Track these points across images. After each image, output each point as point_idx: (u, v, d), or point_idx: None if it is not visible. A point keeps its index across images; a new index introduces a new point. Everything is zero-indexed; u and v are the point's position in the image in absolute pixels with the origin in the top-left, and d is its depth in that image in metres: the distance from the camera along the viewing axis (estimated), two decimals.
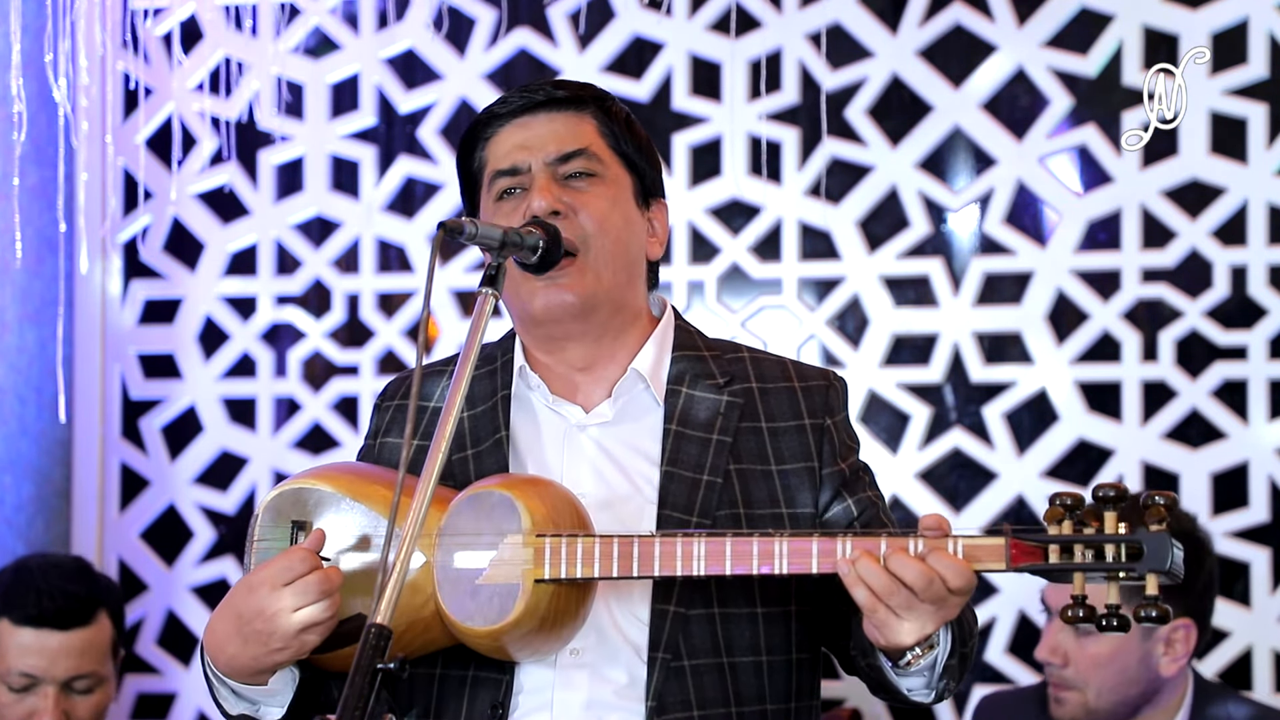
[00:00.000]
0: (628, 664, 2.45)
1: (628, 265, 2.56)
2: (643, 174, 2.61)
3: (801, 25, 4.52)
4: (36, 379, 4.66)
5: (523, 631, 2.37)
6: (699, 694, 2.44)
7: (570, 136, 2.56)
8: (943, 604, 2.26)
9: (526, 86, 2.62)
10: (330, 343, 4.74)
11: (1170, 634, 3.48)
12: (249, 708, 2.46)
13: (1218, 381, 4.35)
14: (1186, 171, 4.38)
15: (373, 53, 4.73)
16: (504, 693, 2.45)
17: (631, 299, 2.58)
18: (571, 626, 2.42)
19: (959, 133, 4.50)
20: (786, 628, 2.50)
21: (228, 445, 4.76)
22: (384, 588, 2.11)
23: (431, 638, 2.43)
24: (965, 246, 4.52)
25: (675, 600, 2.45)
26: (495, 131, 2.61)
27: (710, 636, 2.46)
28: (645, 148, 2.63)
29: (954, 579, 2.25)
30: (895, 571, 2.24)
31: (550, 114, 2.58)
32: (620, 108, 2.63)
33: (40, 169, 4.61)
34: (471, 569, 2.37)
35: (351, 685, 2.07)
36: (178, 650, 4.76)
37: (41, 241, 4.64)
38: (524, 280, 2.51)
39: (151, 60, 4.75)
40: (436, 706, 2.50)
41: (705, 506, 2.48)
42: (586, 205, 2.53)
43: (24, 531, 4.62)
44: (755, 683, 2.48)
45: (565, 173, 2.55)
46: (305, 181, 4.76)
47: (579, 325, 2.54)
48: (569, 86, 2.61)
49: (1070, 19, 4.45)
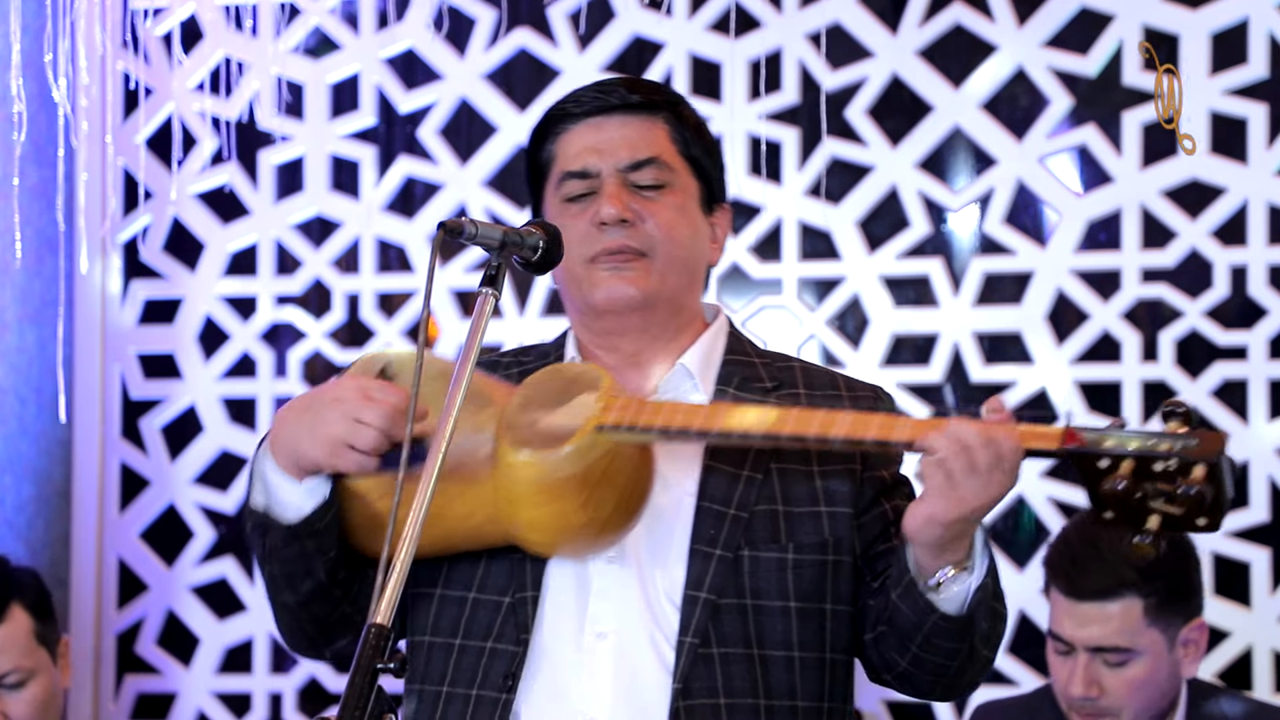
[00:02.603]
0: (655, 648, 2.45)
1: (690, 271, 2.59)
2: (710, 180, 2.63)
3: (801, 25, 4.52)
4: (36, 379, 4.66)
5: (567, 477, 2.34)
6: (727, 682, 2.44)
7: (643, 143, 2.57)
8: (992, 473, 2.27)
9: (602, 86, 2.63)
10: (330, 343, 4.74)
11: (1189, 635, 3.48)
12: (266, 503, 2.46)
13: (1218, 381, 4.35)
14: (1186, 171, 4.38)
15: (373, 53, 4.73)
16: (517, 664, 2.45)
17: (689, 302, 2.61)
18: (614, 517, 2.40)
19: (959, 133, 4.50)
20: (821, 625, 2.49)
21: (228, 445, 4.76)
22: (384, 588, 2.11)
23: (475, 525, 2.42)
24: (965, 246, 4.52)
25: (708, 587, 2.44)
26: (567, 129, 2.61)
27: (741, 626, 2.45)
28: (713, 153, 2.64)
29: (1005, 443, 2.27)
30: (955, 432, 2.28)
31: (624, 118, 2.59)
32: (692, 113, 2.64)
33: (40, 169, 4.61)
34: (539, 415, 2.39)
35: (351, 685, 2.07)
36: (178, 650, 4.76)
37: (41, 241, 4.64)
38: (587, 270, 2.54)
39: (151, 60, 4.75)
40: (452, 675, 2.49)
41: (744, 500, 2.49)
42: (655, 214, 2.55)
43: (24, 531, 4.62)
44: (786, 678, 2.47)
45: (635, 180, 2.56)
46: (305, 181, 4.76)
47: (637, 319, 2.56)
48: (644, 90, 2.62)
49: (1070, 19, 4.45)
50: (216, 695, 4.75)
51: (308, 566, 2.47)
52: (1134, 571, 3.40)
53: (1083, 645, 3.44)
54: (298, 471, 2.45)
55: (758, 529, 2.48)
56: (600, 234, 2.53)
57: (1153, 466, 2.21)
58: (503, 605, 2.49)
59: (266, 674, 4.74)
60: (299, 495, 2.44)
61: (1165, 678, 3.47)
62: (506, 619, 2.48)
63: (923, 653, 2.43)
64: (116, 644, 4.77)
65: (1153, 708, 3.47)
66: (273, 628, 4.73)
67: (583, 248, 2.54)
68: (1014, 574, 4.40)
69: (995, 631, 2.45)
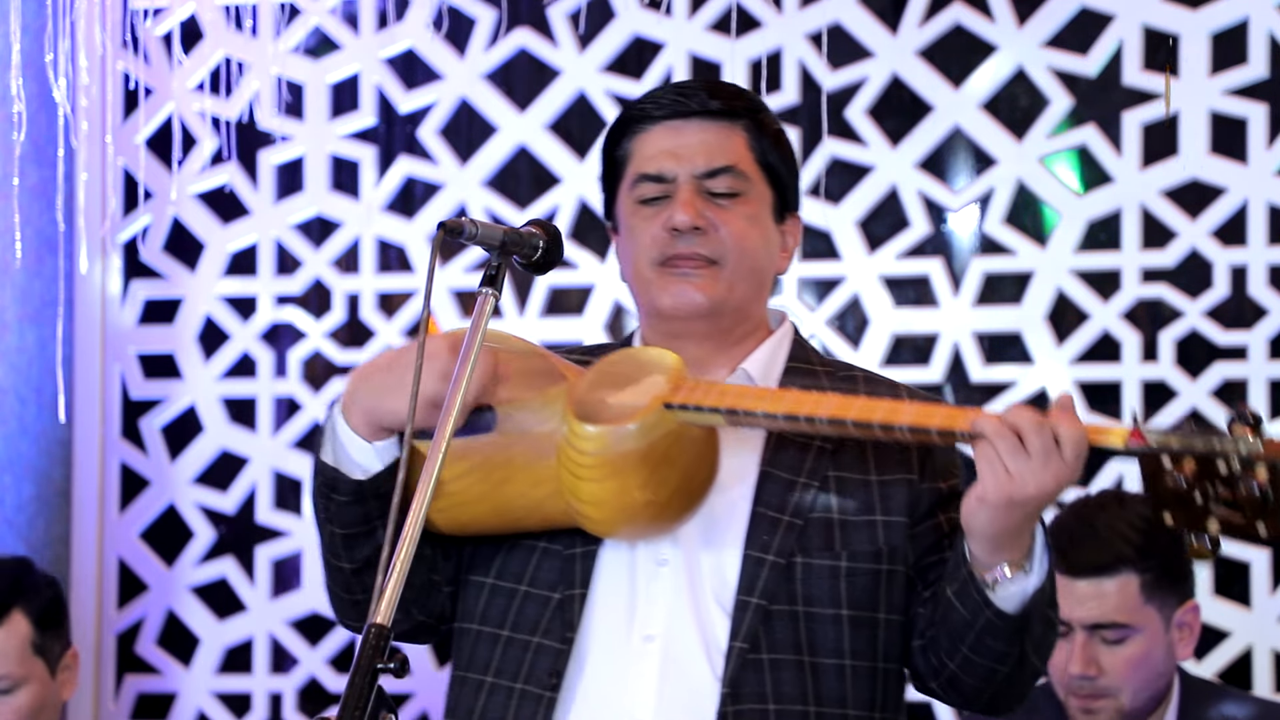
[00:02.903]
0: (704, 651, 2.44)
1: (758, 281, 2.60)
2: (784, 189, 2.63)
3: (801, 25, 4.52)
4: (36, 379, 4.66)
5: (629, 451, 2.34)
6: (776, 688, 2.43)
7: (720, 151, 2.56)
8: (1049, 460, 2.25)
9: (683, 88, 2.60)
10: (330, 343, 4.74)
11: (1183, 618, 3.48)
12: (334, 460, 2.46)
13: (1218, 381, 4.35)
14: (1186, 171, 4.38)
15: (373, 53, 4.73)
16: (562, 662, 2.46)
17: (756, 310, 2.62)
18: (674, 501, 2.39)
19: (959, 133, 4.50)
20: (873, 634, 2.48)
21: (228, 445, 4.76)
22: (384, 588, 2.12)
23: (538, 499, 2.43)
24: (965, 246, 4.52)
25: (759, 592, 2.44)
26: (645, 129, 2.59)
27: (793, 633, 2.45)
28: (789, 162, 2.64)
29: (1065, 429, 2.25)
30: (1006, 416, 2.27)
31: (703, 123, 2.57)
32: (772, 120, 2.63)
33: (40, 169, 4.61)
34: (608, 392, 2.41)
35: (351, 685, 2.07)
36: (178, 650, 4.76)
37: (41, 241, 4.64)
38: (657, 274, 2.54)
39: (151, 60, 4.75)
40: (497, 666, 2.50)
41: (799, 507, 2.48)
42: (728, 223, 2.54)
43: (24, 531, 4.62)
44: (837, 686, 2.46)
45: (710, 188, 2.55)
46: (305, 181, 4.76)
47: (702, 325, 2.57)
48: (725, 96, 2.60)
49: (1070, 19, 4.45)
50: (216, 695, 4.75)
51: (369, 529, 2.48)
52: (1130, 547, 3.39)
53: (1080, 624, 3.44)
54: (372, 431, 2.45)
55: (812, 536, 2.47)
56: (672, 239, 2.53)
57: (1216, 466, 2.18)
58: (551, 601, 2.49)
59: (266, 674, 4.74)
60: (369, 455, 2.45)
61: (1161, 658, 3.46)
62: (554, 615, 2.48)
63: (973, 654, 2.40)
64: (116, 644, 4.77)
65: (1150, 688, 3.46)
66: (273, 628, 4.76)
67: (653, 251, 2.54)
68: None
69: (1047, 640, 2.43)
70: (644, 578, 2.48)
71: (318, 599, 4.66)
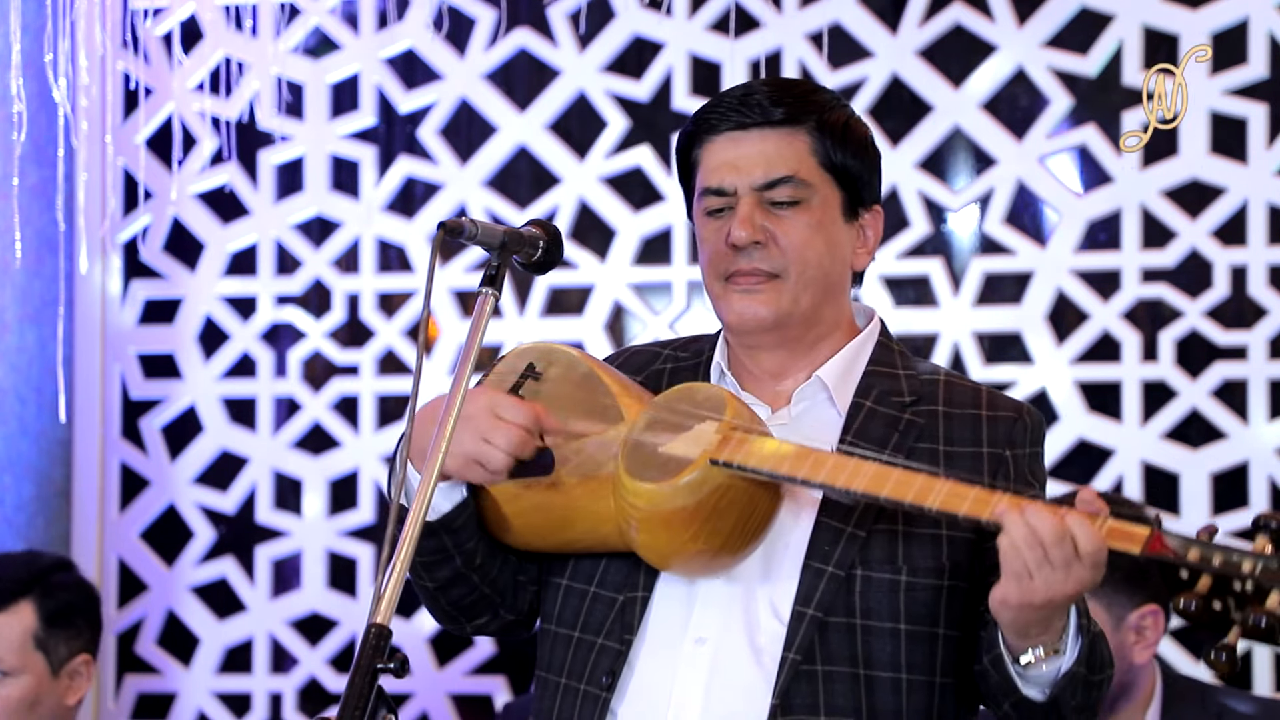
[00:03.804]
0: (755, 659, 2.45)
1: (827, 286, 2.57)
2: (857, 184, 2.62)
3: (801, 25, 4.52)
4: (36, 379, 4.66)
5: (679, 507, 2.38)
6: (828, 700, 2.43)
7: (779, 160, 2.56)
8: (1070, 569, 2.25)
9: (746, 96, 2.59)
10: (330, 343, 4.74)
11: (1139, 621, 3.46)
12: (406, 498, 2.48)
13: (1218, 381, 4.35)
14: (1186, 171, 4.38)
15: (373, 53, 4.73)
16: (619, 663, 2.48)
17: (829, 314, 2.59)
18: (728, 545, 2.42)
19: (959, 133, 4.50)
20: (932, 649, 2.47)
21: (228, 445, 4.76)
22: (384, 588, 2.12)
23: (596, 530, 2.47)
24: (965, 246, 4.52)
25: (816, 604, 2.44)
26: (710, 139, 2.59)
27: (849, 645, 2.44)
28: (861, 153, 2.62)
29: (1084, 541, 2.24)
30: (1032, 523, 2.25)
31: (763, 132, 2.57)
32: (839, 116, 2.62)
33: (40, 169, 4.61)
34: (661, 438, 2.42)
35: (351, 685, 2.07)
36: (178, 650, 4.76)
37: (41, 241, 4.64)
38: (723, 289, 2.56)
39: (151, 60, 4.75)
40: (569, 667, 2.53)
41: (863, 519, 2.47)
42: (788, 233, 2.54)
43: (24, 531, 4.62)
44: (893, 699, 2.45)
45: (771, 198, 2.55)
46: (305, 181, 4.76)
47: (771, 338, 2.57)
48: (788, 102, 2.59)
49: (1070, 19, 4.45)
50: (216, 695, 4.75)
51: (446, 557, 2.53)
52: None
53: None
54: None
55: (874, 549, 2.47)
56: (733, 255, 2.54)
57: (1231, 585, 2.18)
58: (617, 602, 2.52)
59: (266, 674, 4.74)
60: (436, 496, 2.47)
61: None
62: (617, 617, 2.51)
63: (1014, 713, 2.41)
64: (116, 644, 4.77)
65: None
66: (273, 628, 4.76)
67: (719, 265, 2.56)
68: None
69: (1090, 701, 2.42)
70: (703, 583, 2.49)
71: (318, 599, 4.66)
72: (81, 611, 3.78)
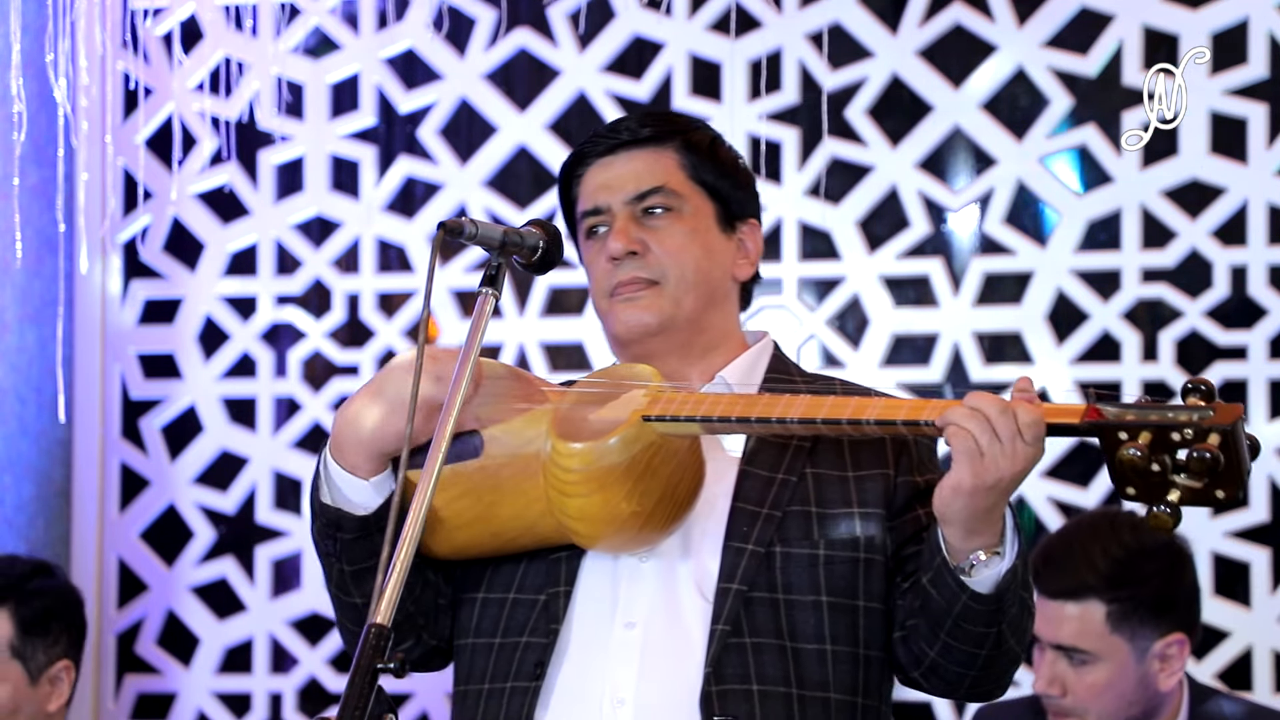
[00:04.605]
0: (685, 636, 2.49)
1: (709, 291, 2.64)
2: (727, 199, 2.68)
3: (801, 25, 4.52)
4: (36, 379, 4.66)
5: (612, 465, 2.39)
6: (759, 670, 2.47)
7: (648, 174, 2.65)
8: (1015, 444, 2.32)
9: (615, 124, 2.72)
10: (330, 343, 4.74)
11: (1164, 650, 3.46)
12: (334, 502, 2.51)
13: (1218, 381, 4.35)
14: (1186, 171, 4.38)
15: (373, 53, 4.73)
16: (547, 654, 2.50)
17: (717, 321, 2.66)
18: (659, 510, 2.44)
19: (959, 133, 4.50)
20: (853, 620, 2.53)
21: (228, 445, 4.76)
22: (384, 588, 2.12)
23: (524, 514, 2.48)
24: (965, 246, 4.52)
25: (740, 579, 2.49)
26: (585, 170, 2.69)
27: (773, 619, 2.50)
28: (730, 171, 2.70)
29: (1024, 414, 2.32)
30: (973, 402, 2.33)
31: (631, 153, 2.66)
32: (705, 136, 2.70)
33: (40, 169, 4.61)
34: (589, 409, 2.46)
35: (351, 685, 2.07)
36: (178, 650, 4.76)
37: (41, 241, 4.64)
38: (609, 304, 2.62)
39: (151, 60, 4.75)
40: (492, 672, 2.55)
41: (777, 500, 2.54)
42: (662, 241, 2.62)
43: (24, 531, 4.62)
44: (819, 670, 2.51)
45: (644, 209, 2.63)
46: (305, 181, 4.76)
47: (659, 344, 2.63)
48: (654, 123, 2.69)
49: (1070, 19, 4.45)
50: (216, 695, 4.75)
51: (377, 562, 2.49)
52: (1096, 577, 3.42)
53: (1048, 642, 3.47)
54: (369, 465, 2.50)
55: (790, 527, 2.53)
56: (614, 269, 2.61)
57: (1170, 436, 2.24)
58: (538, 602, 2.54)
59: (266, 674, 4.74)
60: (367, 492, 2.50)
61: (1132, 687, 3.46)
62: (540, 614, 2.53)
63: (952, 639, 2.45)
64: (116, 644, 4.77)
65: (1120, 713, 3.46)
66: (273, 628, 4.76)
67: (603, 283, 2.63)
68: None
69: (1023, 624, 2.48)
70: (626, 572, 2.53)
71: (318, 599, 4.66)
72: (59, 617, 3.76)
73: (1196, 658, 4.23)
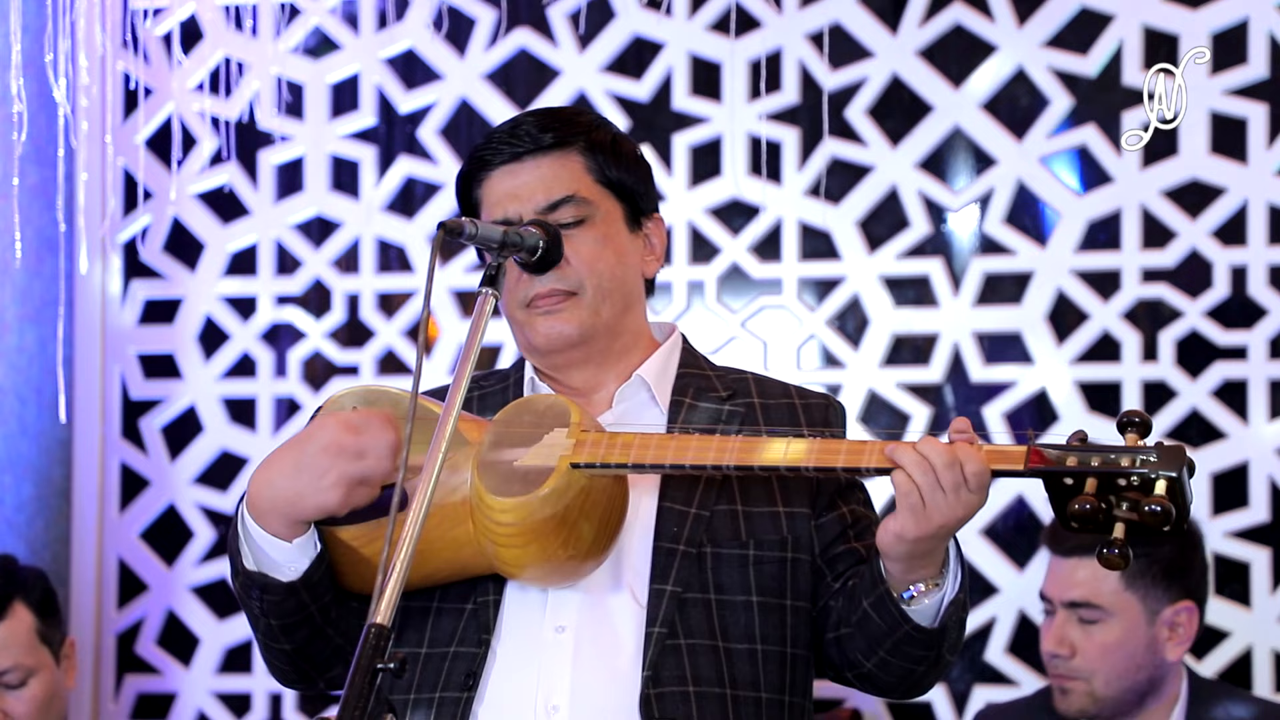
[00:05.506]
0: (618, 639, 2.50)
1: (623, 296, 2.65)
2: (634, 196, 2.68)
3: (801, 25, 4.52)
4: (36, 379, 4.66)
5: (545, 517, 2.39)
6: (694, 671, 2.49)
7: (557, 182, 2.62)
8: (959, 493, 2.33)
9: (515, 130, 2.66)
10: (330, 343, 4.74)
11: (1174, 617, 3.49)
12: (257, 565, 2.48)
13: (1218, 381, 4.35)
14: (1186, 171, 4.38)
15: (373, 53, 4.73)
16: (478, 664, 2.50)
17: (630, 323, 2.67)
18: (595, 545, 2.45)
19: (959, 133, 4.50)
20: (782, 619, 2.56)
21: (228, 445, 4.77)
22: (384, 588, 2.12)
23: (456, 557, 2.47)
24: (965, 246, 4.52)
25: (673, 580, 2.51)
26: (486, 176, 2.66)
27: (706, 620, 2.51)
28: (634, 166, 2.69)
29: (970, 464, 2.33)
30: (923, 450, 2.34)
31: (537, 159, 2.63)
32: (605, 134, 2.68)
33: (40, 169, 4.61)
34: (512, 454, 2.45)
35: (351, 685, 2.07)
36: (178, 650, 4.76)
37: (41, 241, 4.64)
38: (526, 315, 2.61)
39: (151, 60, 4.75)
40: (418, 683, 2.55)
41: (704, 500, 2.56)
42: (578, 251, 2.60)
43: (24, 531, 4.63)
44: (750, 669, 2.53)
45: (556, 220, 2.60)
46: (305, 181, 4.77)
47: (579, 353, 2.64)
48: (555, 127, 2.65)
49: (1070, 19, 4.45)
50: (216, 695, 4.75)
51: (305, 615, 2.53)
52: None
53: (1059, 601, 3.50)
54: (288, 529, 2.47)
55: (719, 527, 2.55)
56: (530, 280, 2.59)
57: (1116, 482, 2.28)
58: (465, 611, 2.55)
59: (266, 674, 4.72)
60: (291, 554, 2.48)
61: (1140, 650, 3.48)
62: (469, 623, 2.54)
63: (890, 657, 2.50)
64: (116, 644, 4.77)
65: (1126, 678, 3.48)
66: None
67: (516, 293, 2.61)
68: (1014, 574, 4.40)
69: (960, 640, 2.53)
70: None
71: None
72: (53, 596, 3.83)
73: (1197, 657, 4.23)
